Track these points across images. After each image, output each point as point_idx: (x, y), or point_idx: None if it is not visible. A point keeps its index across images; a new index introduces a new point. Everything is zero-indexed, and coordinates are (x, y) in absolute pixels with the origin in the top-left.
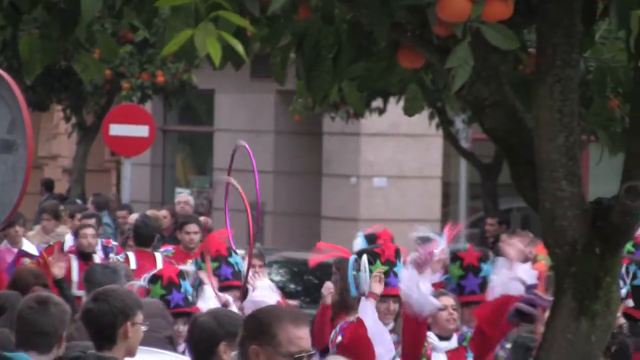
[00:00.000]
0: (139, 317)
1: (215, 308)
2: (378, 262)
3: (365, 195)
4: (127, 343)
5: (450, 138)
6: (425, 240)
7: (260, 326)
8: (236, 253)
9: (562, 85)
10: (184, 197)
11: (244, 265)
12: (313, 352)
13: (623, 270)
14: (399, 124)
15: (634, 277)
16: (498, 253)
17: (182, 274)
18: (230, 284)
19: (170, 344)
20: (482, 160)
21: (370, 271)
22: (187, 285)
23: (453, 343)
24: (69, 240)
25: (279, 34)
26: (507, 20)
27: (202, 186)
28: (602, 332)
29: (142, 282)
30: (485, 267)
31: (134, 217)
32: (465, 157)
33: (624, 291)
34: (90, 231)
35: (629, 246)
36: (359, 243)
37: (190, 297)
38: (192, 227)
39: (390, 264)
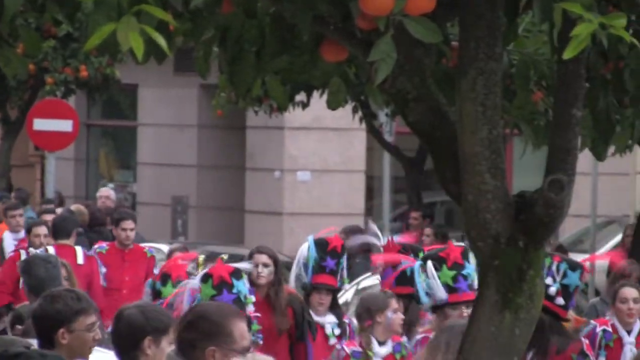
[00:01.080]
0: (82, 323)
1: (142, 301)
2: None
3: (289, 189)
4: (67, 348)
5: (374, 132)
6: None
7: (215, 327)
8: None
9: (485, 78)
10: (105, 191)
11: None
12: None
13: (554, 267)
14: (323, 118)
15: (564, 275)
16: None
17: (236, 273)
18: None
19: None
20: (406, 153)
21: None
22: (240, 285)
23: (388, 347)
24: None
25: (202, 28)
26: (430, 14)
27: (125, 180)
28: (526, 326)
29: (196, 281)
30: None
31: (58, 211)
32: (389, 151)
33: (553, 289)
34: (43, 230)
35: None
36: (306, 248)
37: (243, 298)
38: (129, 224)
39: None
